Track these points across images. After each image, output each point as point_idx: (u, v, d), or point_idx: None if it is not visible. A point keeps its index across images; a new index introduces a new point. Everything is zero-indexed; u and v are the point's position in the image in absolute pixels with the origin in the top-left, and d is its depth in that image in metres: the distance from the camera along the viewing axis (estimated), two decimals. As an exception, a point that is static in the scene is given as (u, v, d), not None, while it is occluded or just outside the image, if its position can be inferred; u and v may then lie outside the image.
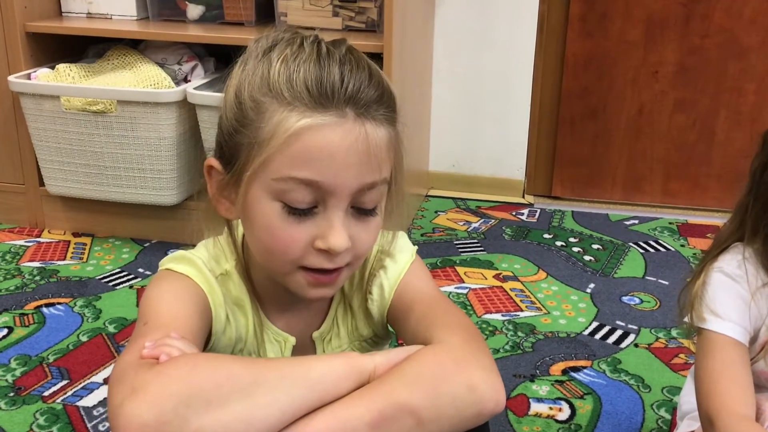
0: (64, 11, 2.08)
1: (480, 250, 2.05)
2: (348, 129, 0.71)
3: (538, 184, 2.47)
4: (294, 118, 0.70)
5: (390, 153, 0.76)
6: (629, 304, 1.77)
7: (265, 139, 0.71)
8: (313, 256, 0.74)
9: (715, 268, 0.97)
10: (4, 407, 1.35)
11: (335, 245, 0.72)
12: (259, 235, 0.75)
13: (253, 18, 1.98)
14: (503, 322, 1.67)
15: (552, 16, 2.31)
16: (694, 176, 2.37)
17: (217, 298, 0.80)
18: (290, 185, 0.71)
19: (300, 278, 0.76)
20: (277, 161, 0.71)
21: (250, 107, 0.73)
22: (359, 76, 0.72)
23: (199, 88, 1.85)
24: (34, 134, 1.95)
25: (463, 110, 2.41)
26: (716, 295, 0.95)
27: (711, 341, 0.94)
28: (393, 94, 0.77)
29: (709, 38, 2.23)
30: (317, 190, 0.71)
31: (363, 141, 0.71)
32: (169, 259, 0.81)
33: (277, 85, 0.71)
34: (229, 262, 0.83)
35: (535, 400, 1.41)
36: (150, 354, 0.66)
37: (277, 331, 0.86)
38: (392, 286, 0.84)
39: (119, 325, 1.63)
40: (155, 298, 0.76)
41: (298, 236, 0.73)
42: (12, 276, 1.83)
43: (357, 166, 0.71)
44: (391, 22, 1.75)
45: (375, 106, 0.73)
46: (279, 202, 0.72)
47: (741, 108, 2.28)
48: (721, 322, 0.93)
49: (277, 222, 0.73)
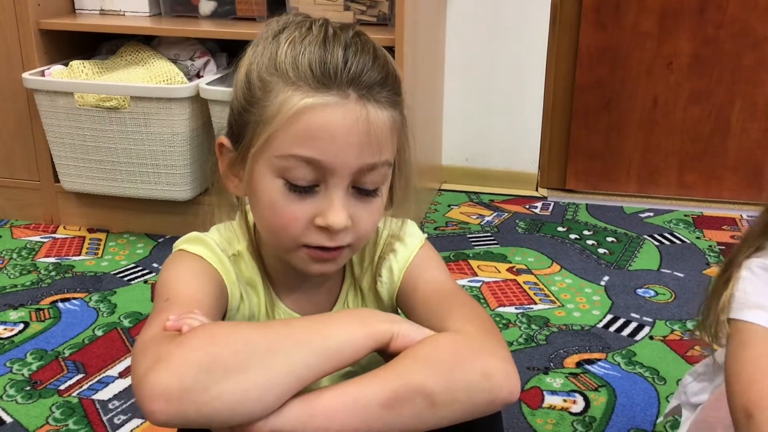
0: (77, 8, 2.09)
1: (493, 244, 2.04)
2: (350, 109, 0.72)
3: (551, 177, 2.46)
4: (297, 97, 0.72)
5: (393, 136, 0.77)
6: (644, 296, 1.76)
7: (270, 116, 0.73)
8: (313, 234, 0.75)
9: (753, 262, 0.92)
10: (21, 401, 1.36)
11: (334, 222, 0.74)
12: (263, 211, 0.78)
13: (265, 13, 1.98)
14: (517, 315, 1.67)
15: (565, 8, 2.30)
16: (709, 168, 2.35)
17: (230, 277, 0.81)
18: (292, 163, 0.73)
19: (302, 254, 0.77)
20: (280, 139, 0.73)
21: (257, 86, 0.75)
22: (363, 59, 0.74)
23: (211, 84, 1.85)
24: (49, 131, 1.96)
25: (475, 103, 2.40)
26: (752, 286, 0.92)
27: (746, 332, 0.90)
28: (398, 78, 0.78)
29: (723, 28, 2.21)
30: (318, 168, 0.73)
31: (364, 122, 0.73)
32: (183, 240, 0.83)
33: (283, 65, 0.74)
34: (241, 243, 0.85)
35: (549, 392, 1.40)
36: (173, 326, 0.67)
37: (288, 311, 0.87)
38: (401, 269, 0.85)
39: (134, 319, 1.64)
40: (173, 278, 0.78)
41: (299, 213, 0.75)
42: (28, 271, 1.85)
43: (357, 147, 0.73)
44: (402, 16, 1.74)
45: (378, 89, 0.74)
46: (281, 179, 0.74)
47: (757, 99, 2.26)
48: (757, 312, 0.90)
49: (279, 199, 0.75)
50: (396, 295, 0.86)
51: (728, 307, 0.92)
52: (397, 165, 0.82)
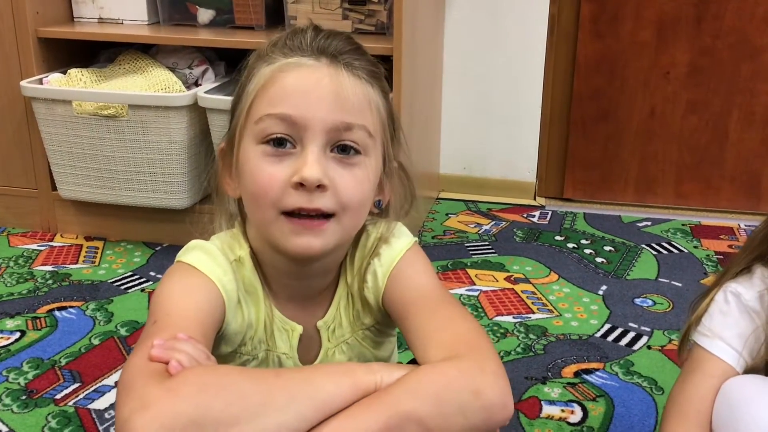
0: (76, 16, 2.09)
1: (491, 253, 2.04)
2: (322, 68, 0.77)
3: (549, 186, 2.47)
4: (272, 66, 0.78)
5: (372, 110, 0.80)
6: (642, 306, 1.76)
7: (249, 91, 0.79)
8: (292, 196, 0.76)
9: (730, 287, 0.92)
10: (17, 410, 1.36)
11: (307, 175, 0.75)
12: (247, 185, 0.79)
13: (263, 22, 1.98)
14: (515, 324, 1.67)
15: (563, 18, 2.31)
16: (706, 178, 2.36)
17: (229, 282, 0.81)
18: (267, 123, 0.76)
19: (282, 225, 0.77)
20: (258, 105, 0.77)
21: (245, 78, 0.81)
22: (337, 38, 0.80)
23: (209, 92, 1.85)
24: (46, 139, 1.96)
25: (473, 113, 2.41)
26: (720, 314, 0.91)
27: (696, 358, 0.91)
28: (379, 66, 0.82)
29: (720, 39, 2.22)
30: (292, 125, 0.76)
31: (335, 80, 0.77)
32: (183, 251, 0.83)
33: (264, 50, 0.81)
34: (242, 249, 0.85)
35: (547, 402, 1.40)
36: (158, 356, 0.67)
37: (285, 319, 0.87)
38: (385, 273, 0.85)
39: (131, 328, 1.63)
40: (165, 295, 0.78)
41: (277, 175, 0.76)
42: (25, 280, 1.84)
43: (329, 102, 0.76)
44: (400, 25, 1.75)
45: (350, 57, 0.78)
46: (261, 145, 0.77)
47: (754, 109, 2.27)
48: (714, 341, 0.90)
49: (259, 164, 0.77)
50: (381, 300, 0.86)
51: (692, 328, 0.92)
52: (387, 158, 0.84)
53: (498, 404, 0.70)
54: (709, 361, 0.89)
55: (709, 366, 0.89)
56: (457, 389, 0.69)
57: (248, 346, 0.86)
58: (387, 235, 0.86)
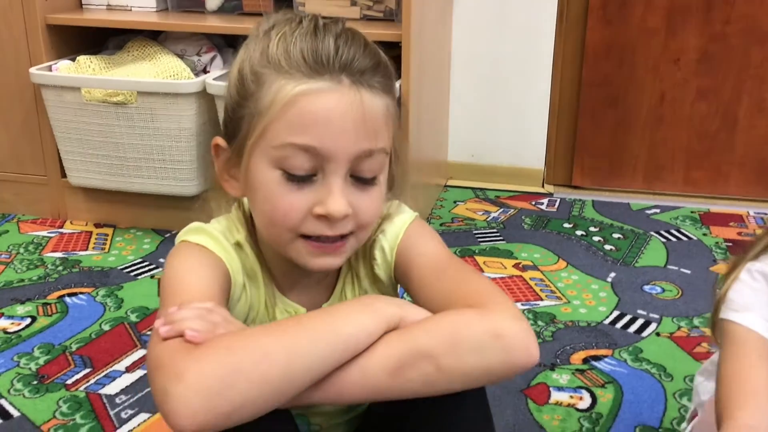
0: (85, 3, 2.09)
1: (499, 240, 2.04)
2: (343, 94, 0.73)
3: (557, 174, 2.46)
4: (291, 85, 0.73)
5: (388, 123, 0.77)
6: (651, 293, 1.76)
7: (264, 107, 0.74)
8: (312, 223, 0.75)
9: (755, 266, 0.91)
10: (28, 395, 1.37)
11: (333, 210, 0.74)
12: (261, 204, 0.77)
13: (272, 8, 1.98)
14: (523, 311, 1.67)
15: (572, 4, 2.29)
16: (716, 165, 2.35)
17: (235, 264, 0.81)
18: (289, 152, 0.73)
19: (300, 247, 0.77)
20: (276, 128, 0.73)
21: (250, 80, 0.76)
22: (354, 47, 0.75)
23: (218, 79, 1.85)
24: (56, 126, 1.96)
25: (482, 100, 2.40)
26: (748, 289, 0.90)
27: (734, 334, 0.90)
28: (389, 66, 0.79)
29: (731, 25, 2.21)
30: (315, 156, 0.73)
31: (358, 107, 0.73)
32: (185, 232, 0.83)
33: (275, 56, 0.74)
34: (240, 233, 0.85)
35: (556, 388, 1.40)
36: (167, 334, 0.67)
37: (287, 302, 0.87)
38: (392, 247, 0.85)
39: (141, 314, 1.64)
40: (174, 276, 0.77)
41: (298, 203, 0.75)
42: (35, 266, 1.85)
43: (353, 132, 0.73)
44: (409, 12, 1.74)
45: (370, 74, 0.75)
46: (279, 170, 0.74)
47: (764, 95, 2.25)
48: (746, 314, 0.90)
49: (277, 190, 0.75)
50: (393, 274, 0.86)
51: (721, 307, 0.91)
52: (394, 154, 0.82)
53: (519, 347, 0.70)
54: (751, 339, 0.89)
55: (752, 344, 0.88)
56: (475, 329, 0.70)
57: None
58: (388, 212, 0.86)
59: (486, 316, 0.71)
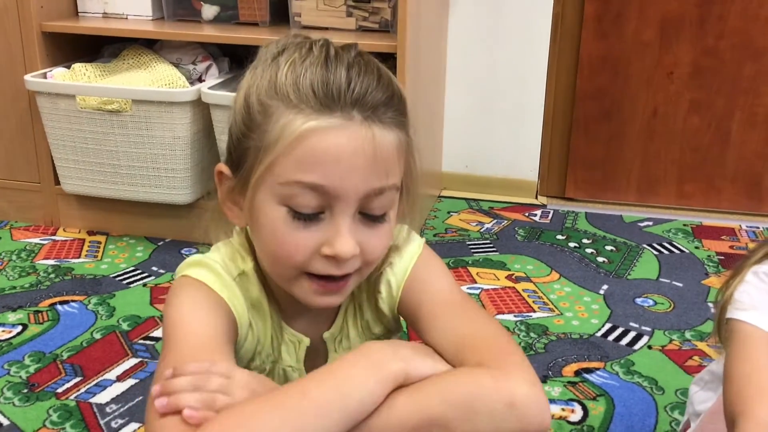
0: (80, 11, 2.09)
1: (492, 251, 2.04)
2: (354, 131, 0.69)
3: (551, 186, 2.47)
4: (300, 120, 0.69)
5: (400, 158, 0.74)
6: (643, 305, 1.76)
7: (272, 142, 0.70)
8: (319, 263, 0.73)
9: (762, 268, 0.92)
10: (18, 403, 1.36)
11: (341, 252, 0.71)
12: (265, 240, 0.74)
13: (268, 18, 1.98)
14: (515, 323, 1.67)
15: (566, 17, 2.30)
16: (708, 178, 2.36)
17: (238, 302, 0.78)
18: (296, 189, 0.70)
19: (305, 285, 0.75)
20: (283, 164, 0.70)
21: (257, 111, 0.72)
22: (367, 79, 0.71)
23: (213, 88, 1.86)
24: (50, 133, 1.96)
25: (476, 111, 2.41)
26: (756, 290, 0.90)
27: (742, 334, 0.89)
28: (403, 98, 0.75)
29: (724, 39, 2.22)
30: (323, 194, 0.70)
31: (370, 144, 0.70)
32: (186, 265, 0.80)
33: (283, 87, 0.71)
34: (246, 262, 0.81)
35: (548, 401, 1.40)
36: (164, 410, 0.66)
37: (291, 332, 0.85)
38: (399, 283, 0.82)
39: (133, 323, 1.64)
40: (175, 323, 0.75)
41: (304, 242, 0.72)
42: (27, 273, 1.85)
43: (364, 170, 0.70)
44: (405, 23, 1.75)
45: (383, 109, 0.71)
46: (285, 207, 0.71)
47: (756, 110, 2.26)
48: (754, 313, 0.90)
49: (283, 227, 0.72)
50: (397, 308, 0.84)
51: (728, 308, 0.92)
52: (405, 188, 0.78)
53: (533, 415, 0.68)
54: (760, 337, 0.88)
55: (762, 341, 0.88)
56: (490, 398, 0.68)
57: (257, 361, 0.85)
58: (396, 243, 0.83)
59: (501, 382, 0.68)
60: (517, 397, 0.68)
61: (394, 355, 0.69)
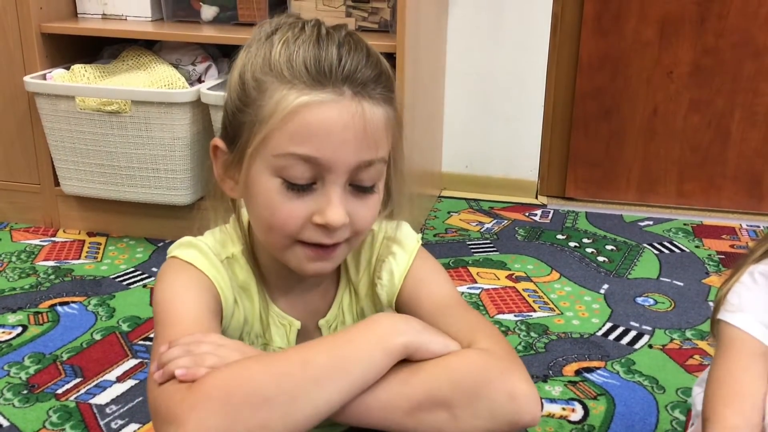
0: (80, 12, 2.09)
1: (493, 251, 2.04)
2: (345, 106, 0.73)
3: (551, 185, 2.46)
4: (293, 95, 0.72)
5: (388, 132, 0.77)
6: (643, 305, 1.76)
7: (266, 116, 0.73)
8: (311, 231, 0.76)
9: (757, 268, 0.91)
10: (18, 405, 1.36)
11: (332, 220, 0.74)
12: (260, 211, 0.77)
13: (267, 19, 1.98)
14: (516, 322, 1.67)
15: (566, 16, 2.30)
16: (709, 177, 2.35)
17: (224, 282, 0.81)
18: (290, 161, 0.73)
19: (299, 252, 0.77)
20: (277, 137, 0.73)
21: (252, 86, 0.75)
22: (357, 56, 0.74)
23: (212, 89, 1.86)
24: (50, 134, 1.96)
25: (476, 111, 2.41)
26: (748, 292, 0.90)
27: (728, 336, 0.90)
28: (391, 75, 0.78)
29: (724, 38, 2.22)
30: (316, 166, 0.73)
31: (360, 118, 0.73)
32: (176, 246, 0.83)
33: (278, 64, 0.74)
34: (235, 246, 0.85)
35: (548, 400, 1.40)
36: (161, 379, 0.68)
37: (282, 314, 0.87)
38: (402, 272, 0.85)
39: (133, 323, 1.64)
40: (164, 303, 0.78)
41: (297, 212, 0.75)
42: (27, 275, 1.85)
43: (354, 143, 0.73)
44: (404, 23, 1.75)
45: (372, 85, 0.75)
46: (279, 178, 0.74)
47: (757, 108, 2.26)
48: (742, 316, 0.90)
49: (277, 197, 0.75)
50: (396, 297, 0.86)
51: (719, 308, 0.91)
52: (393, 161, 0.82)
53: (528, 409, 0.72)
54: (744, 341, 0.88)
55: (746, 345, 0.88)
56: (495, 389, 0.71)
57: (245, 341, 0.87)
58: (397, 236, 0.87)
59: (505, 374, 0.72)
60: (518, 391, 0.71)
61: (404, 327, 0.73)
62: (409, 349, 0.71)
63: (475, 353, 0.74)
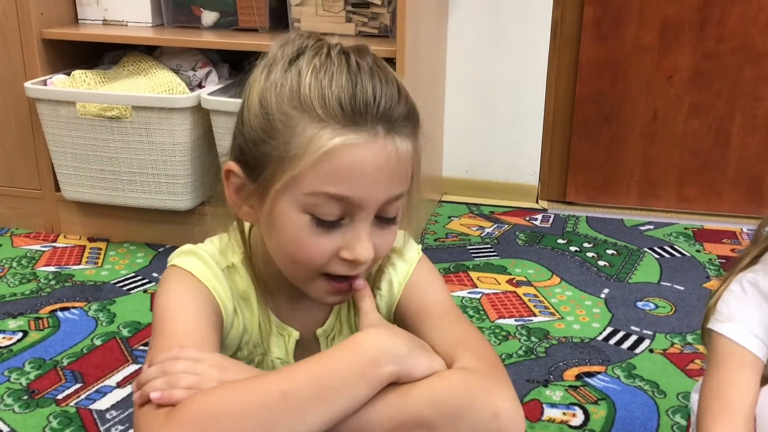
0: (80, 18, 2.10)
1: (493, 255, 2.04)
2: (380, 146, 0.71)
3: (551, 190, 2.47)
4: (326, 135, 0.70)
5: (413, 161, 0.77)
6: (644, 309, 1.76)
7: (296, 154, 0.71)
8: (336, 265, 0.75)
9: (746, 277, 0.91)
10: (18, 410, 1.36)
11: (362, 256, 0.74)
12: (285, 244, 0.76)
13: (267, 24, 1.98)
14: (516, 327, 1.67)
15: (566, 21, 2.31)
16: (709, 181, 2.36)
17: (224, 291, 0.81)
18: (321, 200, 0.72)
19: (321, 285, 0.78)
20: (309, 177, 0.71)
21: (279, 119, 0.72)
22: (389, 92, 0.72)
23: (213, 94, 1.86)
24: (50, 140, 1.96)
25: (476, 116, 2.41)
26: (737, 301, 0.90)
27: (719, 346, 0.89)
28: (415, 108, 0.77)
29: (724, 43, 2.22)
30: (347, 204, 0.72)
31: (393, 156, 0.72)
32: (176, 254, 0.83)
33: (308, 100, 0.71)
34: (235, 255, 0.84)
35: (549, 405, 1.40)
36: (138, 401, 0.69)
37: (281, 324, 0.86)
38: (401, 283, 0.85)
39: (133, 329, 1.64)
40: (161, 313, 0.78)
41: (324, 246, 0.74)
42: (28, 280, 1.85)
43: (386, 181, 0.73)
44: (404, 28, 1.75)
45: (404, 123, 0.74)
46: (308, 215, 0.73)
47: (756, 113, 2.26)
48: (731, 326, 0.90)
49: (305, 233, 0.74)
50: (394, 308, 0.86)
51: (709, 317, 0.91)
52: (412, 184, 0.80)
53: (512, 429, 0.71)
54: (734, 351, 0.88)
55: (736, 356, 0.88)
56: (478, 409, 0.70)
57: (244, 351, 0.86)
58: (398, 246, 0.86)
59: (489, 393, 0.71)
60: (501, 410, 0.71)
61: (390, 352, 0.71)
62: (392, 378, 0.70)
63: (458, 374, 0.73)
